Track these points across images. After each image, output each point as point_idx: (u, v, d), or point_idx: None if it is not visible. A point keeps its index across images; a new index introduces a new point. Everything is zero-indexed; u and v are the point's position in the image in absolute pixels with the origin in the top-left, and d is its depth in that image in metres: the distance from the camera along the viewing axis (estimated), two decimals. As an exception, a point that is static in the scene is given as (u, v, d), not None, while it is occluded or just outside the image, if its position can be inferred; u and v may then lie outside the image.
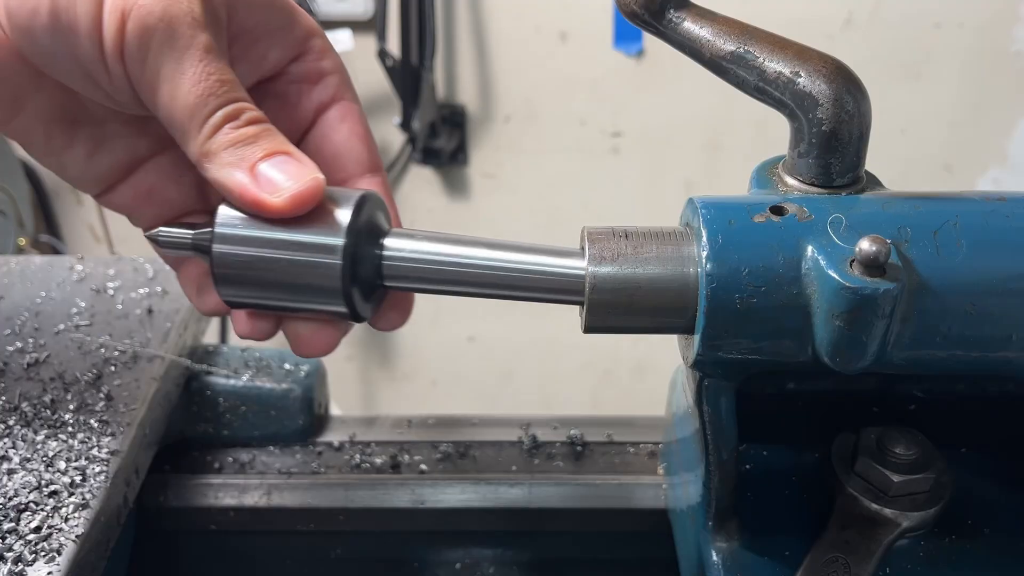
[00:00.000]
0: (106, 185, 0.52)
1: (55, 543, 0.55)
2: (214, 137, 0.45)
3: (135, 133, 0.52)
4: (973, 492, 0.59)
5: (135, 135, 0.52)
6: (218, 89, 0.45)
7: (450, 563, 0.76)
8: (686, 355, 0.50)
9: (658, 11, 0.50)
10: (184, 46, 0.44)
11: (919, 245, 0.45)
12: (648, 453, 0.76)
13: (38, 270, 0.80)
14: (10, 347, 0.71)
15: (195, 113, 0.45)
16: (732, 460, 0.55)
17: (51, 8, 0.43)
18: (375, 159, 0.55)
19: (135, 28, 0.43)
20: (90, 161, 0.51)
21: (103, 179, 0.52)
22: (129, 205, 0.53)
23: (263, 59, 0.52)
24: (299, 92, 0.54)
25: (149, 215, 0.53)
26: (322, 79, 0.54)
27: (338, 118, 0.54)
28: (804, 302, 0.44)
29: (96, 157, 0.51)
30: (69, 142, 0.50)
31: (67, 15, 0.43)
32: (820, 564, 0.53)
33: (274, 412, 0.76)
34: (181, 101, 0.44)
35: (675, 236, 0.47)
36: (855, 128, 0.47)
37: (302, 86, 0.53)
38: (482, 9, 1.83)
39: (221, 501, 0.73)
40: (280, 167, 0.46)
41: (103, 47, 0.44)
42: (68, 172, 0.52)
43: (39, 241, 1.98)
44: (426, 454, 0.76)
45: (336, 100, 0.54)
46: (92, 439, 0.63)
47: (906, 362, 0.46)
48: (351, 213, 0.47)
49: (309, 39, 0.53)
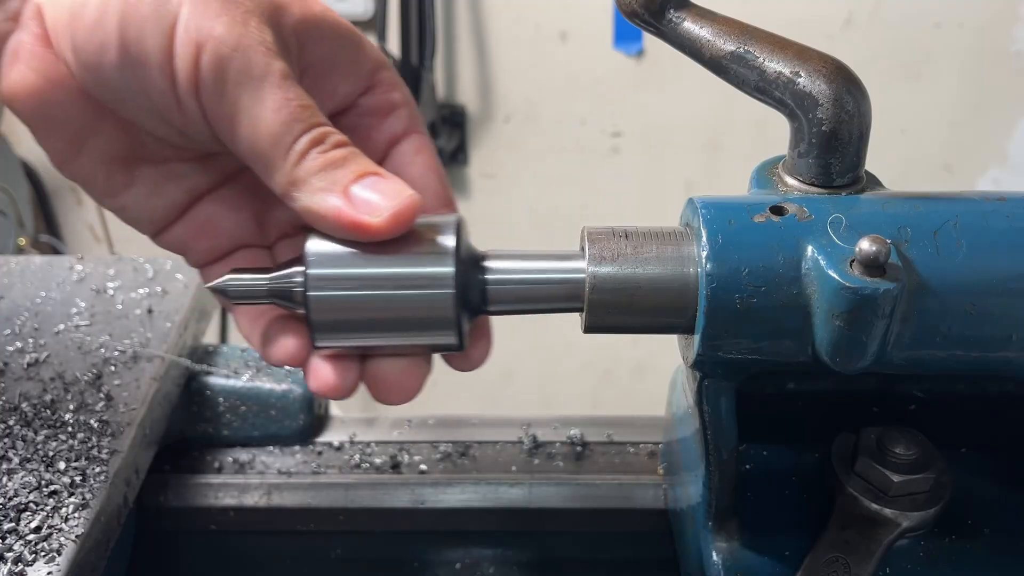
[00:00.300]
0: (166, 223, 0.51)
1: (55, 543, 0.55)
2: (301, 164, 0.43)
3: (196, 170, 0.51)
4: (973, 492, 0.59)
5: (196, 172, 0.51)
6: (300, 114, 0.43)
7: (450, 563, 0.76)
8: (686, 355, 0.50)
9: (658, 11, 0.50)
10: (261, 74, 0.43)
11: (919, 245, 0.45)
12: (648, 453, 0.76)
13: (38, 270, 0.80)
14: (10, 347, 0.71)
15: (279, 141, 0.43)
16: (732, 460, 0.55)
17: (120, 43, 0.42)
18: (448, 193, 0.53)
19: (211, 60, 0.42)
20: (151, 200, 0.50)
21: (163, 218, 0.51)
22: (184, 241, 0.52)
23: (334, 93, 0.50)
24: (370, 126, 0.52)
25: (203, 249, 0.52)
26: (393, 111, 0.52)
27: (412, 152, 0.52)
28: (804, 302, 0.44)
29: (157, 196, 0.50)
30: (130, 181, 0.49)
31: (137, 50, 0.42)
32: (820, 564, 0.53)
33: (274, 412, 0.76)
34: (264, 130, 0.43)
35: (675, 236, 0.47)
36: (855, 128, 0.47)
37: (373, 119, 0.52)
38: (482, 9, 1.83)
39: (221, 501, 0.73)
40: (373, 187, 0.44)
41: (175, 81, 0.43)
42: (128, 212, 0.50)
43: (39, 241, 1.98)
44: (426, 454, 0.76)
45: (408, 133, 0.52)
46: (92, 439, 0.63)
47: (906, 362, 0.46)
48: (455, 238, 0.45)
49: (378, 71, 0.51)
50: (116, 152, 0.48)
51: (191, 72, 0.42)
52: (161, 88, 0.43)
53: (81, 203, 2.11)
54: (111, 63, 0.43)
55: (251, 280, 0.47)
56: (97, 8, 0.42)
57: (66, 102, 0.46)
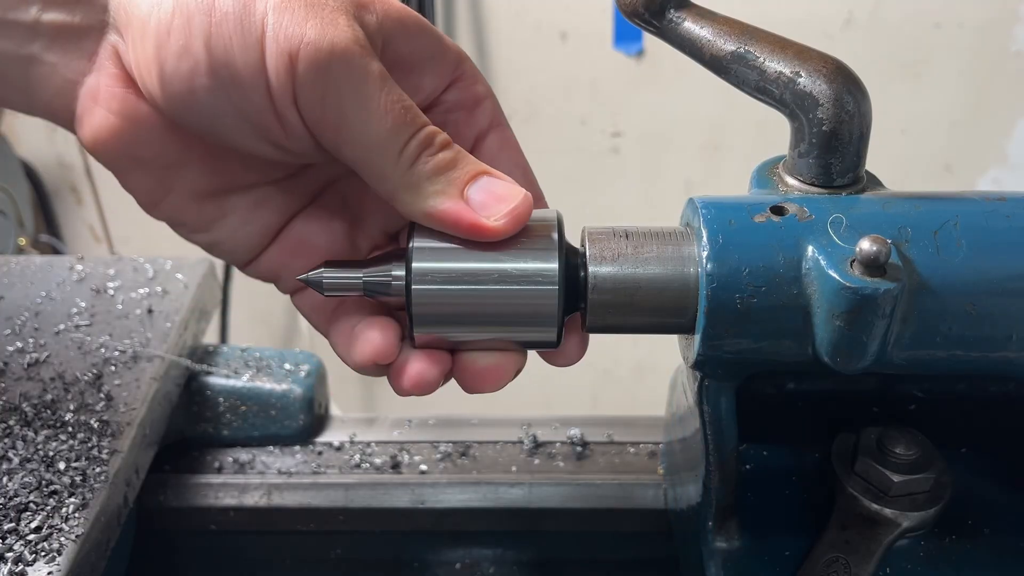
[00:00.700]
0: (260, 250, 0.50)
1: (55, 543, 0.55)
2: (414, 167, 0.43)
3: (285, 191, 0.50)
4: (973, 492, 0.59)
5: (285, 193, 0.50)
6: (406, 117, 0.42)
7: (450, 563, 0.76)
8: (686, 355, 0.50)
9: (658, 11, 0.50)
10: (361, 77, 0.41)
11: (919, 245, 0.45)
12: (648, 453, 0.76)
13: (38, 270, 0.80)
14: (10, 347, 0.71)
15: (389, 147, 0.42)
16: (732, 460, 0.55)
17: (209, 65, 0.41)
18: (536, 188, 0.53)
19: (308, 68, 0.40)
20: (244, 228, 0.49)
21: (258, 245, 0.50)
22: (278, 265, 0.51)
23: (419, 88, 0.49)
24: (457, 121, 0.51)
25: (297, 269, 0.50)
26: (479, 105, 0.51)
27: (497, 146, 0.52)
28: (804, 302, 0.44)
29: (249, 223, 0.49)
30: (221, 213, 0.48)
31: (227, 70, 0.41)
32: (820, 564, 0.53)
33: (274, 412, 0.76)
34: (373, 136, 0.42)
35: (675, 236, 0.47)
36: (855, 128, 0.47)
37: (460, 114, 0.51)
38: (482, 9, 1.83)
39: (221, 501, 0.73)
40: (488, 188, 0.44)
41: (271, 94, 0.41)
42: (223, 245, 0.49)
43: (39, 241, 1.98)
44: (426, 454, 0.76)
45: (493, 127, 0.52)
46: (92, 439, 0.63)
47: (906, 362, 0.46)
48: (557, 233, 0.46)
49: (460, 64, 0.50)
50: (205, 186, 0.47)
51: (287, 83, 0.41)
52: (258, 104, 0.42)
53: (81, 203, 2.11)
54: (203, 87, 0.41)
55: (346, 274, 0.47)
56: (181, 33, 0.41)
57: (151, 141, 0.45)
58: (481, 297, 0.45)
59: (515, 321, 0.46)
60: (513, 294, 0.45)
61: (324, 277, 0.47)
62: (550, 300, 0.45)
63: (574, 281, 0.47)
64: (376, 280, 0.46)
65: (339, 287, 0.47)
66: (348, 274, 0.47)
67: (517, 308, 0.45)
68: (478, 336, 0.47)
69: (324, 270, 0.47)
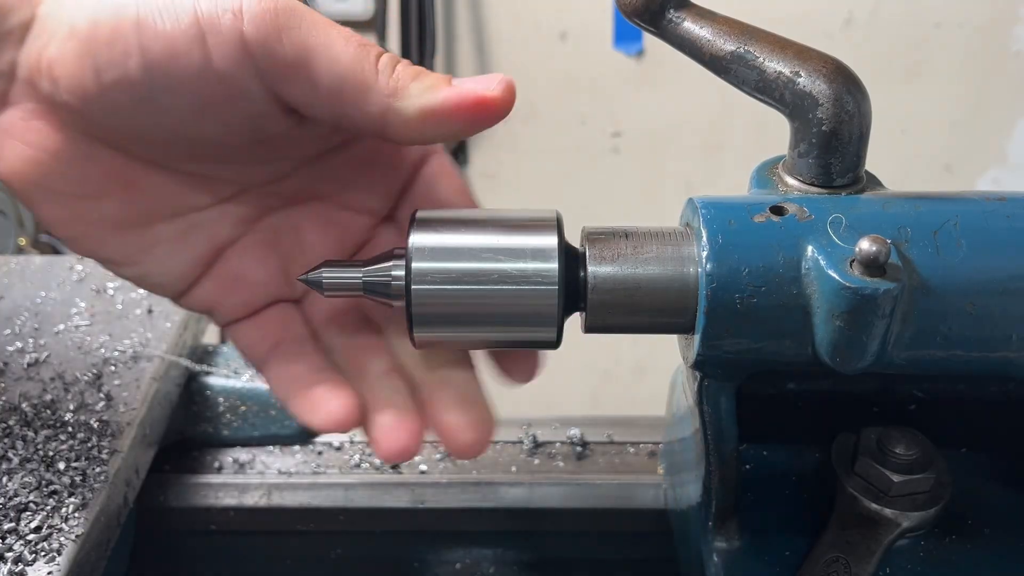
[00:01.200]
0: (191, 280, 0.49)
1: (55, 543, 0.55)
2: (395, 74, 0.42)
3: (215, 218, 0.48)
4: (973, 492, 0.59)
5: (213, 220, 0.48)
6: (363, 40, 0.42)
7: (450, 563, 0.76)
8: (686, 355, 0.50)
9: (658, 11, 0.50)
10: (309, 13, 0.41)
11: (919, 245, 0.45)
12: (648, 453, 0.76)
13: (38, 270, 0.80)
14: (10, 347, 0.71)
15: (364, 60, 0.42)
16: (732, 460, 0.55)
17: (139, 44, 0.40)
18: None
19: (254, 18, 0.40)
20: (173, 258, 0.48)
21: (189, 274, 0.49)
22: (213, 297, 0.49)
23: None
24: (392, 151, 0.50)
25: (234, 304, 0.50)
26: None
27: (435, 175, 0.51)
28: (804, 302, 0.44)
29: (178, 252, 0.48)
30: (147, 244, 0.47)
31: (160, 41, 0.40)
32: (820, 564, 0.53)
33: (274, 412, 0.76)
34: (345, 56, 0.41)
35: (675, 236, 0.47)
36: (855, 128, 0.47)
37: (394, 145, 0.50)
38: (482, 9, 1.83)
39: (221, 501, 0.73)
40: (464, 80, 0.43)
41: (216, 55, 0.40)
42: (152, 278, 0.48)
43: (39, 241, 1.97)
44: (426, 454, 0.76)
45: (431, 152, 0.51)
46: (92, 439, 0.63)
47: (906, 362, 0.46)
48: (557, 234, 0.46)
49: None
50: (128, 215, 0.46)
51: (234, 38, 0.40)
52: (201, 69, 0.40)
53: (81, 203, 2.11)
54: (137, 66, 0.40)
55: (345, 273, 0.46)
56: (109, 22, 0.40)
57: (69, 171, 0.44)
58: (481, 297, 0.45)
59: (515, 321, 0.46)
60: (513, 294, 0.45)
61: (324, 277, 0.47)
62: (550, 300, 0.45)
63: (574, 281, 0.47)
64: (376, 280, 0.46)
65: (339, 287, 0.47)
66: (348, 274, 0.46)
67: (517, 308, 0.45)
68: (478, 336, 0.47)
69: (324, 270, 0.47)
